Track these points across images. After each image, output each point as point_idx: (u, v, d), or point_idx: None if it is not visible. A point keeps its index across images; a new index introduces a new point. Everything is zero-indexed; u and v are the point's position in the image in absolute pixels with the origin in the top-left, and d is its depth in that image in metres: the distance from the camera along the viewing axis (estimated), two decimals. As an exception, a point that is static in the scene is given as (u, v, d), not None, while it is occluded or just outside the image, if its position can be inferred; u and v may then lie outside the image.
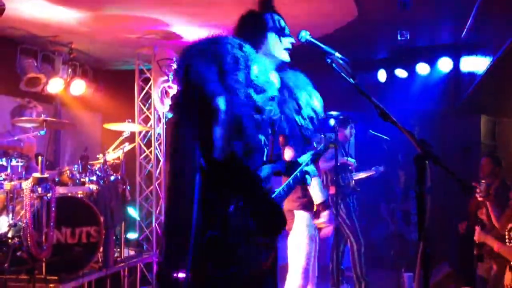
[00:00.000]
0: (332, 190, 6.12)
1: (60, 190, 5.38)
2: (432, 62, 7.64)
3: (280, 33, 2.61)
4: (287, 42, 2.60)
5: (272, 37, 2.58)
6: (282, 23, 2.65)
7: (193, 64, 2.25)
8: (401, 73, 7.88)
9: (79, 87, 7.44)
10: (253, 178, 2.34)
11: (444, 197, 7.67)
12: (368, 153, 8.48)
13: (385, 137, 6.45)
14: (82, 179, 5.62)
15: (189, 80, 2.25)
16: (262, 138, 2.44)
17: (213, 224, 2.21)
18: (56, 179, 5.57)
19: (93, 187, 5.61)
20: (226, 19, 6.21)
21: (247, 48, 2.37)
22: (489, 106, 7.94)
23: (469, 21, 6.17)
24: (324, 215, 4.41)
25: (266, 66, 2.43)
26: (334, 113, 6.58)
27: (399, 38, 6.95)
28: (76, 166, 5.66)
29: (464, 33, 6.72)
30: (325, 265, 6.79)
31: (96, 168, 5.72)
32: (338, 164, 5.90)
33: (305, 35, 2.42)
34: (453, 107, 7.98)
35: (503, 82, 7.23)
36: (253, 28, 2.58)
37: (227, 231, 2.20)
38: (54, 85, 7.05)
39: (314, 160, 2.78)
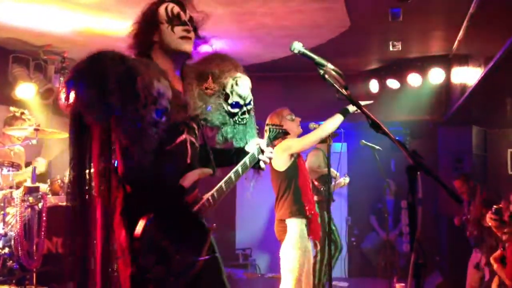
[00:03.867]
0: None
1: (51, 199, 5.36)
2: (423, 73, 7.69)
3: (171, 22, 2.35)
4: (180, 30, 2.35)
5: (164, 29, 2.34)
6: (175, 10, 2.37)
7: (76, 89, 2.12)
8: (392, 83, 7.92)
9: (71, 95, 7.41)
10: (166, 191, 2.20)
11: (435, 207, 7.70)
12: (359, 163, 8.51)
13: (376, 147, 6.45)
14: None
15: (74, 106, 2.13)
16: (187, 137, 2.32)
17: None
18: (48, 188, 5.54)
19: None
20: (218, 28, 6.26)
21: (130, 59, 2.20)
22: (480, 117, 8.00)
23: (460, 32, 6.22)
24: None
25: (152, 75, 2.18)
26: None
27: (391, 48, 6.99)
28: (67, 175, 5.62)
29: (455, 44, 6.77)
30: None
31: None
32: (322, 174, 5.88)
33: (298, 46, 2.37)
34: (444, 118, 8.03)
35: (494, 93, 7.29)
36: (146, 24, 2.37)
37: (140, 251, 2.09)
38: (46, 94, 7.03)
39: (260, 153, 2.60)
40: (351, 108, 4.31)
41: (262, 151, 2.59)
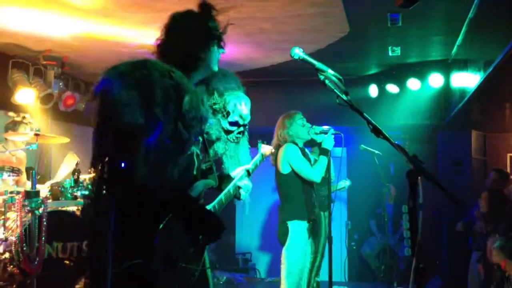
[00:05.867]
0: None
1: (52, 204, 5.35)
2: (423, 78, 7.70)
3: (220, 45, 2.43)
4: (219, 54, 2.46)
5: (214, 50, 2.40)
6: (220, 28, 2.44)
7: (112, 89, 2.03)
8: (392, 88, 7.93)
9: (71, 100, 7.43)
10: (184, 197, 2.23)
11: (435, 211, 7.70)
12: (359, 167, 8.50)
13: (376, 151, 6.45)
14: (73, 193, 5.59)
15: (107, 104, 2.04)
16: (194, 150, 2.34)
17: (137, 252, 2.08)
18: (48, 193, 5.54)
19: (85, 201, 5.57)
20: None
21: (178, 75, 2.14)
22: (480, 121, 8.01)
23: (459, 37, 6.23)
24: None
25: (199, 97, 2.17)
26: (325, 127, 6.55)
27: (390, 53, 7.00)
28: (67, 180, 5.63)
29: (454, 49, 6.78)
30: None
31: (88, 182, 5.70)
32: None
33: (298, 52, 2.39)
34: (444, 122, 8.04)
35: (493, 98, 7.30)
36: (197, 37, 2.36)
37: (151, 258, 2.07)
38: (46, 99, 7.03)
39: (249, 173, 2.70)
40: (328, 145, 4.53)
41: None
